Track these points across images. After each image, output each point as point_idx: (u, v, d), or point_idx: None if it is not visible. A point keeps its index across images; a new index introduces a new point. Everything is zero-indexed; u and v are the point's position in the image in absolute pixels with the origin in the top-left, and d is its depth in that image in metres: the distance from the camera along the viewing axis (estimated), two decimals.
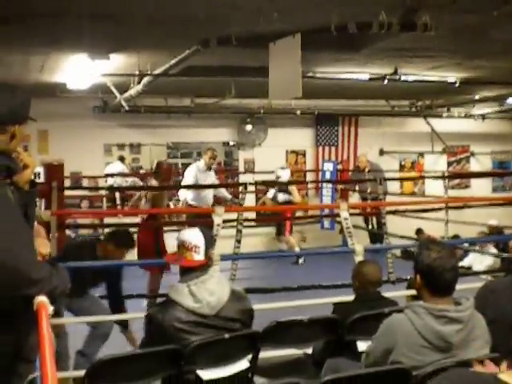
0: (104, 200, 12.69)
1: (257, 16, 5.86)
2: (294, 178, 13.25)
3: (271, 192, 12.06)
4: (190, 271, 3.75)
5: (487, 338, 3.24)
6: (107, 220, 11.58)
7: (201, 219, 9.32)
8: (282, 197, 11.68)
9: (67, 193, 10.54)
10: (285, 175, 11.74)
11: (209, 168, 10.68)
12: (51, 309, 2.53)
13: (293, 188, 11.77)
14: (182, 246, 3.80)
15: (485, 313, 3.31)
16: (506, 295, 3.48)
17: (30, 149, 12.27)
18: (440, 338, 3.11)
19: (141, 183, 12.08)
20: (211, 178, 10.84)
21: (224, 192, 11.21)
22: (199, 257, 3.77)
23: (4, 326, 2.63)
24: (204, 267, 3.79)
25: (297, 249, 11.43)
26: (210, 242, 3.94)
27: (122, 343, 5.46)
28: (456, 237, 12.12)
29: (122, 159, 12.92)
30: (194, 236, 3.82)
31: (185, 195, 10.46)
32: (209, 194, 10.55)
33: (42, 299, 2.53)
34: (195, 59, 7.57)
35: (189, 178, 10.58)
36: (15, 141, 2.82)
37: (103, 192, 12.30)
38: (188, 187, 10.37)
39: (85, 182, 12.62)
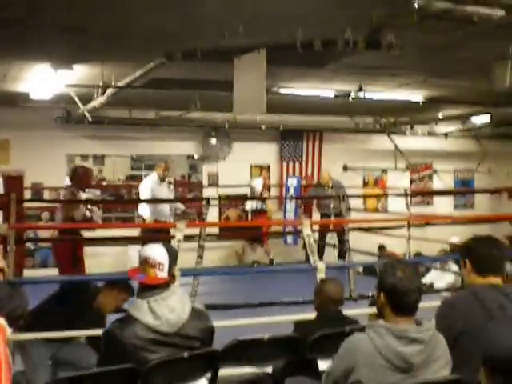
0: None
1: (222, 30, 5.85)
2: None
3: (249, 204, 12.70)
4: (151, 288, 3.67)
5: (448, 359, 3.22)
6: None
7: (158, 234, 9.27)
8: (256, 205, 12.42)
9: (28, 204, 10.41)
10: (258, 185, 12.49)
11: (162, 180, 10.62)
12: (9, 330, 2.45)
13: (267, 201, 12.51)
14: (145, 263, 3.71)
15: (450, 329, 3.30)
16: (465, 308, 3.48)
17: None
18: (401, 359, 3.08)
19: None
20: (166, 190, 10.80)
21: (178, 205, 11.16)
22: (163, 274, 3.69)
23: None
24: (166, 284, 3.72)
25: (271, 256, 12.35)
26: (173, 258, 3.85)
27: None
28: (418, 254, 12.21)
29: None
30: (158, 253, 3.74)
31: (146, 211, 10.33)
32: (165, 208, 10.48)
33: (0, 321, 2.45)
34: (160, 72, 7.53)
35: (145, 191, 10.48)
36: None
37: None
38: (150, 201, 10.24)
39: (46, 193, 12.41)
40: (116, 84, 8.72)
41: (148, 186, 10.49)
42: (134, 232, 10.73)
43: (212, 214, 12.51)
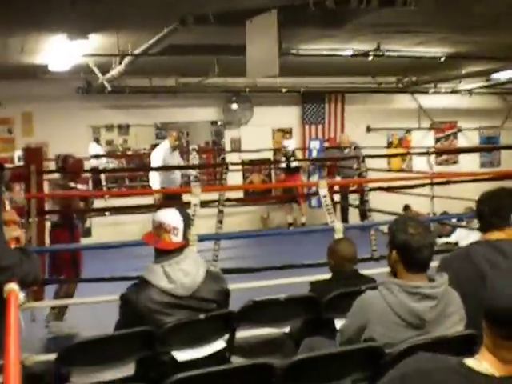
0: (90, 182, 12.61)
1: None
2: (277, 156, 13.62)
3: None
4: (166, 253, 3.71)
5: (462, 315, 3.21)
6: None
7: (171, 201, 9.33)
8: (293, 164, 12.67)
9: (52, 176, 10.50)
10: (291, 145, 12.88)
11: (174, 149, 10.63)
12: (22, 296, 2.49)
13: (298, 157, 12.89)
14: (160, 228, 3.74)
15: None
16: (458, 268, 3.45)
17: (15, 131, 12.23)
18: (413, 315, 3.08)
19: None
20: (177, 158, 10.82)
21: (190, 171, 11.25)
22: (177, 239, 3.73)
23: None
24: (180, 248, 3.75)
25: (303, 219, 12.60)
26: (187, 223, 3.89)
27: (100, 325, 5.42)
28: (444, 213, 12.13)
29: (97, 140, 12.88)
30: (173, 218, 3.77)
31: (156, 180, 10.31)
32: (177, 176, 10.50)
33: (12, 286, 2.48)
34: (175, 38, 7.50)
35: (157, 160, 10.51)
36: None
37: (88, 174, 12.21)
38: (165, 168, 10.23)
39: None
40: (132, 52, 8.71)
41: (159, 155, 10.50)
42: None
43: (236, 180, 12.59)
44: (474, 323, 2.75)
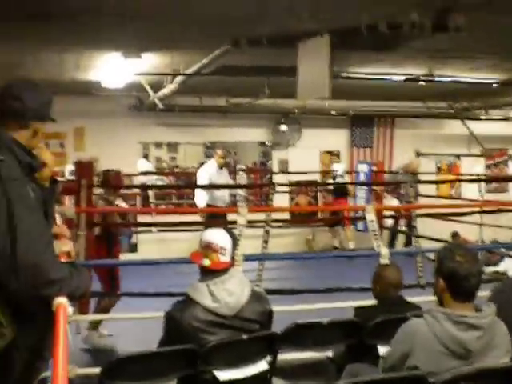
0: (137, 198, 12.76)
1: (287, 15, 5.83)
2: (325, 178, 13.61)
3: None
4: (212, 272, 3.72)
5: (509, 347, 3.16)
6: (140, 218, 11.61)
7: (217, 219, 9.35)
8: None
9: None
10: (340, 169, 12.86)
11: (221, 167, 10.63)
12: (71, 310, 2.52)
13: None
14: (208, 247, 3.76)
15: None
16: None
17: (67, 146, 12.46)
18: (459, 345, 3.04)
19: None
20: (225, 177, 10.80)
21: (239, 191, 11.25)
22: (225, 258, 3.75)
23: (26, 325, 2.64)
24: (226, 268, 3.77)
25: (351, 244, 12.38)
26: (234, 243, 3.91)
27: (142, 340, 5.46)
28: (494, 241, 11.93)
29: (146, 157, 13.03)
30: (221, 238, 3.80)
31: (201, 198, 10.35)
32: (225, 195, 10.50)
33: (61, 300, 2.52)
34: (228, 59, 7.57)
35: (203, 179, 10.54)
36: (37, 138, 2.87)
37: (137, 190, 12.36)
38: (211, 187, 10.26)
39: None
40: (185, 71, 8.82)
41: (205, 173, 10.53)
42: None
43: (282, 201, 12.59)
44: None
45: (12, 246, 2.49)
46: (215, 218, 9.84)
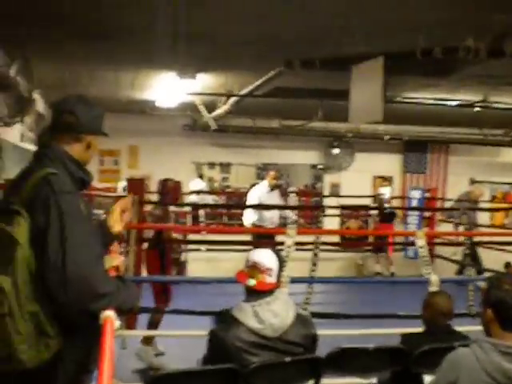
0: (188, 216, 12.84)
1: (341, 38, 5.84)
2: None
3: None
4: (258, 293, 3.71)
5: None
6: (190, 236, 11.68)
7: (265, 240, 9.36)
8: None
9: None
10: (387, 193, 12.84)
11: (272, 189, 10.56)
12: (118, 323, 2.54)
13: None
14: (255, 267, 3.74)
15: None
16: None
17: (121, 163, 12.66)
18: (505, 376, 2.96)
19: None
20: (275, 198, 10.68)
21: (289, 213, 10.90)
22: (271, 279, 3.73)
23: (73, 338, 2.67)
24: (272, 289, 3.75)
25: (393, 269, 12.37)
26: (281, 264, 3.89)
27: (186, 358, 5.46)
28: None
29: (201, 176, 13.14)
30: (268, 258, 3.78)
31: (251, 218, 10.29)
32: (275, 215, 10.46)
33: (108, 314, 2.55)
34: (281, 81, 7.60)
35: (252, 199, 10.53)
36: (90, 151, 2.94)
37: (187, 208, 12.44)
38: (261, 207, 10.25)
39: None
40: (238, 93, 8.89)
41: (255, 193, 10.52)
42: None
43: (333, 224, 12.53)
44: None
45: (63, 259, 2.53)
46: (263, 238, 9.84)
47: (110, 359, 2.16)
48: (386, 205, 12.61)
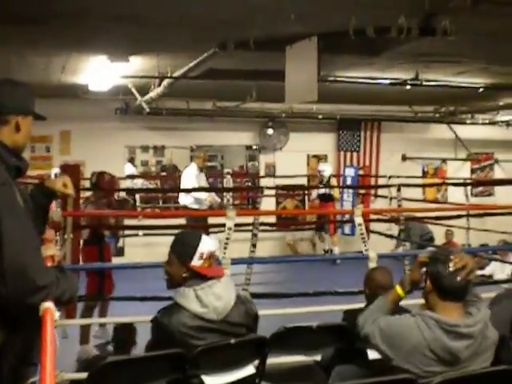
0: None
1: (275, 19, 5.83)
2: (312, 182, 13.53)
3: (314, 192, 12.90)
4: (201, 277, 3.68)
5: (493, 350, 3.16)
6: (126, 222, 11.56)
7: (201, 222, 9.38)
8: (325, 191, 12.51)
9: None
10: (327, 170, 12.68)
11: (201, 170, 10.56)
12: (57, 315, 2.49)
13: (334, 183, 12.66)
14: (213, 257, 3.69)
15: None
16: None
17: (53, 150, 12.40)
18: (449, 353, 3.02)
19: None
20: (204, 180, 10.74)
21: (214, 195, 10.90)
22: (219, 263, 3.73)
23: (13, 331, 2.61)
24: None
25: (336, 249, 12.35)
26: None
27: None
28: (483, 245, 12.00)
29: (131, 161, 13.00)
30: (215, 244, 3.76)
31: (188, 199, 10.29)
32: (205, 197, 10.42)
33: (48, 305, 2.49)
34: (215, 62, 7.56)
35: (191, 180, 10.47)
36: (22, 135, 2.80)
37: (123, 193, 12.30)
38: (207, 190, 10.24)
39: None
40: (172, 75, 8.80)
41: (192, 175, 10.50)
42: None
43: (269, 205, 12.59)
44: None
45: (0, 253, 2.46)
46: (198, 221, 9.85)
47: (52, 351, 2.12)
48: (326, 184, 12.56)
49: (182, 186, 10.74)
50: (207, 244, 3.73)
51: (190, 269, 3.64)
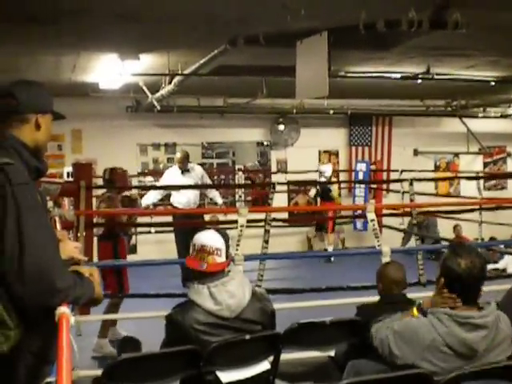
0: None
1: (284, 14, 5.81)
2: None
3: (313, 191, 12.71)
4: (211, 274, 3.70)
5: (509, 342, 3.15)
6: (140, 219, 11.55)
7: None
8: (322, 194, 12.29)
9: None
10: (327, 171, 12.35)
11: (185, 170, 10.10)
12: (73, 319, 2.50)
13: (333, 186, 12.41)
14: (203, 250, 3.73)
15: None
16: None
17: (64, 148, 12.44)
18: (465, 346, 3.02)
19: None
20: (191, 179, 10.13)
21: (213, 195, 10.50)
22: (221, 259, 3.73)
23: (31, 329, 2.62)
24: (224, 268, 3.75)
25: (330, 248, 11.97)
26: (226, 243, 3.85)
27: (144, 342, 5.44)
28: (492, 239, 11.95)
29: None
30: (214, 239, 3.77)
31: (150, 200, 10.01)
32: (191, 197, 10.12)
33: (64, 310, 2.48)
34: (225, 59, 7.56)
35: (161, 180, 10.48)
36: (42, 132, 2.79)
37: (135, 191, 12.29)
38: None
39: None
40: (182, 72, 8.81)
41: (165, 176, 10.41)
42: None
43: (281, 201, 12.58)
44: None
45: (20, 253, 2.46)
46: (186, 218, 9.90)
47: (68, 356, 2.12)
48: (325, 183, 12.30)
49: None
50: (199, 237, 3.79)
51: None
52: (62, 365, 2.05)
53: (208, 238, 3.78)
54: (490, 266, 10.67)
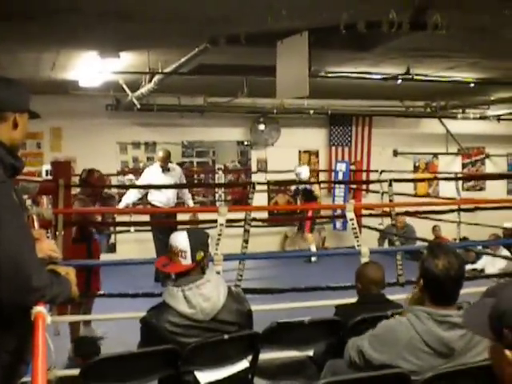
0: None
1: (265, 14, 5.81)
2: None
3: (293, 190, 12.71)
4: (183, 275, 3.68)
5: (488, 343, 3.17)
6: (120, 218, 11.49)
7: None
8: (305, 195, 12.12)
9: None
10: (303, 173, 12.09)
11: (166, 169, 10.07)
12: (49, 319, 2.48)
13: (314, 185, 12.13)
14: (171, 251, 3.73)
15: None
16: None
17: (43, 146, 12.35)
18: (443, 344, 3.04)
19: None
20: (172, 178, 10.16)
21: (186, 197, 10.50)
22: (186, 261, 3.68)
23: (6, 331, 2.60)
24: (197, 270, 3.70)
25: (313, 247, 11.79)
26: (198, 244, 3.74)
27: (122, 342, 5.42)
28: (465, 239, 12.06)
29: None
30: (179, 240, 3.72)
31: (128, 199, 9.98)
32: (171, 196, 10.09)
33: (40, 309, 2.47)
34: (206, 58, 7.54)
35: (140, 179, 10.47)
36: (19, 131, 2.76)
37: (114, 190, 12.23)
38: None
39: None
40: (162, 70, 8.78)
41: (145, 174, 10.36)
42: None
43: (261, 200, 12.58)
44: None
45: None
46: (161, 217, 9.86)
47: (44, 356, 2.11)
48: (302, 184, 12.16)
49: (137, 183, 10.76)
50: (171, 237, 3.80)
51: None
52: (37, 364, 2.04)
53: (175, 239, 3.75)
54: (468, 267, 10.76)
